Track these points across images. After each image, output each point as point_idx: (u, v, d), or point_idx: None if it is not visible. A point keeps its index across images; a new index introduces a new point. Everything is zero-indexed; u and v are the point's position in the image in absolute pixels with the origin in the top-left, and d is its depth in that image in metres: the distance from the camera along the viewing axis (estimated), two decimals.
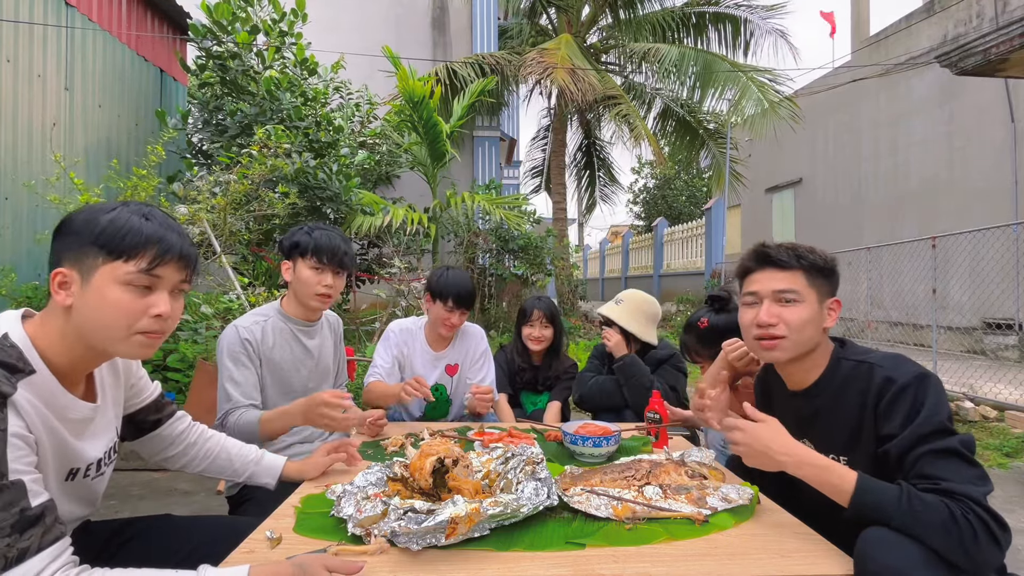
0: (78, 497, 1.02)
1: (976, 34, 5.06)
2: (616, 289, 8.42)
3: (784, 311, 1.18)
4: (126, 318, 0.91)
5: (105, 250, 0.89)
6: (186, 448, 1.29)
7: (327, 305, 1.78)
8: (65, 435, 0.93)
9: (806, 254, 1.21)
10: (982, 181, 7.98)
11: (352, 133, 6.46)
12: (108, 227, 0.90)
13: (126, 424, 1.19)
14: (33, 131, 4.08)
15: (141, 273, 0.90)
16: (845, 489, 1.01)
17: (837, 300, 1.23)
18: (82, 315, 0.90)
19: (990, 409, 4.54)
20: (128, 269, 0.90)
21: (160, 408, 1.25)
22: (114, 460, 1.10)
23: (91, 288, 0.89)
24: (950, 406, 1.08)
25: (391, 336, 2.23)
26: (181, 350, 3.43)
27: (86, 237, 0.89)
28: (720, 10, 10.08)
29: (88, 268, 0.89)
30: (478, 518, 1.00)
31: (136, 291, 0.91)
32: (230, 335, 1.68)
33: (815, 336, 1.21)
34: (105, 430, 1.05)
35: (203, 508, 2.65)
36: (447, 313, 2.10)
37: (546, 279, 7.99)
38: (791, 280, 1.19)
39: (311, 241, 1.71)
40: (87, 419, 0.99)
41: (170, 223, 0.96)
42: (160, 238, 0.92)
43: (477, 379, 2.27)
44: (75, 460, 0.97)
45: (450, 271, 2.15)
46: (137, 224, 0.91)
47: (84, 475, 1.00)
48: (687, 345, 2.01)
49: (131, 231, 0.90)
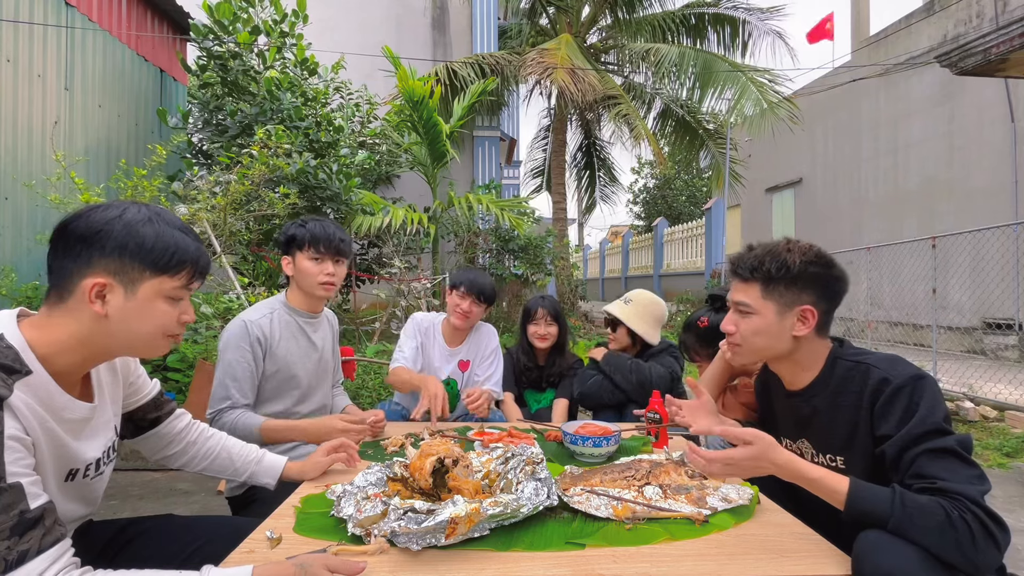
0: (79, 497, 1.02)
1: (976, 34, 5.06)
2: (616, 289, 8.43)
3: (740, 321, 1.26)
4: (164, 327, 0.97)
5: (154, 266, 0.93)
6: (186, 446, 1.29)
7: (332, 293, 1.80)
8: (63, 436, 0.93)
9: (765, 264, 1.20)
10: (982, 181, 7.98)
11: (352, 133, 6.47)
12: (157, 244, 0.93)
13: (125, 422, 1.19)
14: (33, 131, 4.08)
15: (182, 288, 0.97)
16: (838, 499, 1.01)
17: (810, 309, 1.19)
18: (120, 324, 0.93)
19: (990, 409, 4.54)
20: (174, 284, 0.96)
21: (159, 406, 1.25)
22: (113, 459, 1.10)
23: (136, 300, 0.93)
24: (947, 407, 1.08)
25: (416, 324, 2.33)
26: (181, 350, 3.43)
27: (131, 250, 0.91)
28: (719, 11, 10.08)
29: (132, 280, 0.92)
30: (478, 518, 1.00)
31: (173, 302, 0.97)
32: (238, 329, 1.67)
33: (776, 344, 1.23)
34: (103, 429, 1.05)
35: (203, 508, 2.65)
36: (459, 300, 2.22)
37: (546, 279, 8.00)
38: (746, 292, 1.25)
39: (307, 233, 1.73)
40: (85, 419, 0.98)
41: (196, 236, 1.01)
42: (198, 256, 0.99)
43: (485, 376, 2.33)
44: (74, 461, 0.97)
45: (471, 269, 2.28)
46: (182, 242, 0.96)
47: (84, 475, 1.00)
48: (687, 344, 2.02)
49: (178, 249, 0.95)
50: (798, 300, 1.20)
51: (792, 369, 1.27)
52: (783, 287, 1.20)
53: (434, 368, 2.31)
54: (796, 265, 1.19)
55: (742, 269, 1.25)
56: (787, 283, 1.20)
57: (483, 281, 2.22)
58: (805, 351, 1.24)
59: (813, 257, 1.20)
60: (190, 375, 3.41)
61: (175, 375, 3.45)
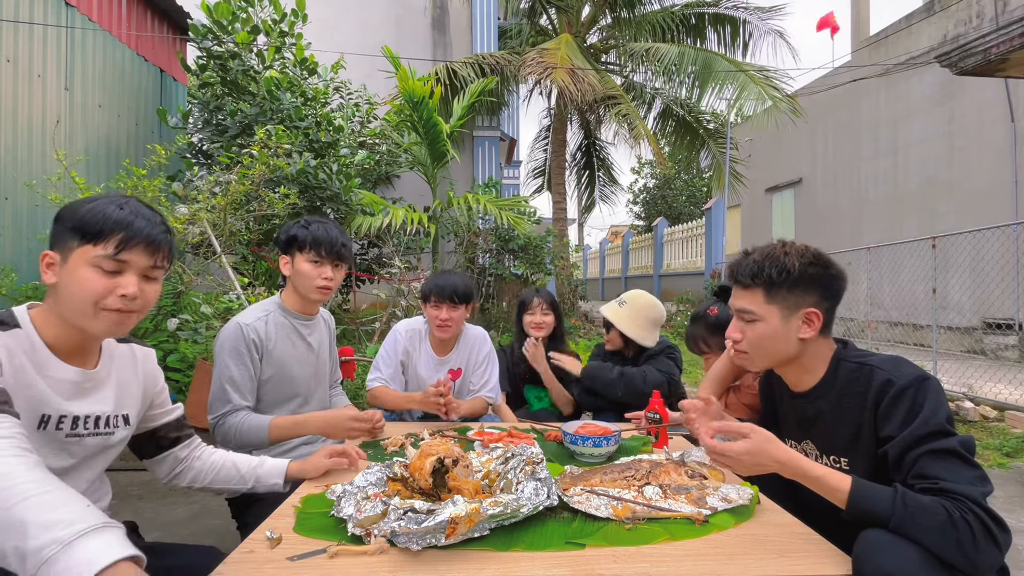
0: (53, 451, 1.04)
1: (976, 34, 5.06)
2: (616, 289, 8.43)
3: (746, 328, 1.25)
4: (93, 296, 0.99)
5: (79, 234, 0.99)
6: (192, 462, 1.33)
7: (327, 297, 1.77)
8: (39, 384, 1.00)
9: (765, 269, 1.20)
10: (982, 181, 7.98)
11: (352, 133, 6.46)
12: (85, 214, 0.99)
13: (148, 440, 1.27)
14: (33, 131, 4.07)
15: (107, 257, 0.99)
16: (840, 498, 1.01)
17: (815, 311, 1.19)
18: (60, 292, 1.00)
19: (990, 409, 4.54)
20: (97, 252, 0.99)
21: (181, 427, 1.32)
22: (105, 437, 1.12)
23: (67, 268, 0.99)
24: (950, 408, 1.08)
25: (397, 338, 2.22)
26: (181, 350, 3.43)
27: (67, 223, 1.00)
28: (719, 11, 10.08)
29: (66, 251, 1.00)
30: (478, 518, 1.00)
31: (104, 273, 0.99)
32: (233, 332, 1.65)
33: (784, 349, 1.22)
34: (97, 401, 1.10)
35: (203, 508, 2.65)
36: (434, 311, 2.11)
37: (546, 279, 7.99)
38: (749, 299, 1.24)
39: (308, 235, 1.70)
40: (72, 382, 1.05)
41: (141, 211, 1.04)
42: (127, 224, 1.01)
43: (480, 383, 2.26)
44: (44, 406, 1.01)
45: (439, 273, 2.16)
46: (109, 212, 1.00)
47: (57, 427, 1.03)
48: (695, 336, 1.99)
49: (102, 218, 0.99)
50: (802, 303, 1.20)
51: (797, 371, 1.27)
52: (785, 291, 1.20)
53: (421, 379, 2.20)
54: (796, 268, 1.19)
55: (742, 276, 1.25)
56: (789, 287, 1.19)
57: (454, 282, 2.10)
58: (810, 353, 1.24)
59: (811, 258, 1.20)
60: (190, 375, 3.41)
61: (175, 375, 3.45)
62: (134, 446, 1.27)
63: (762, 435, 1.09)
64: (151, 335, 3.68)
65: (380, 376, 2.16)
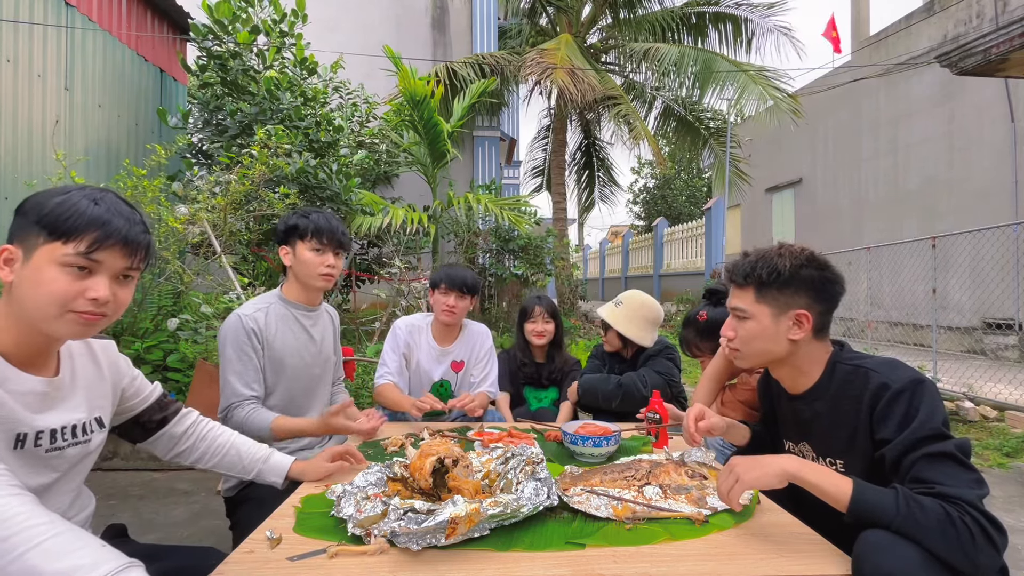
0: (33, 468, 0.98)
1: (976, 34, 5.06)
2: (616, 289, 8.43)
3: (739, 326, 1.28)
4: (59, 298, 0.89)
5: (47, 231, 0.89)
6: (196, 442, 1.30)
7: (330, 285, 1.78)
8: (9, 402, 0.91)
9: (757, 269, 1.22)
10: (982, 181, 7.99)
11: (351, 133, 6.46)
12: (55, 208, 0.89)
13: (133, 426, 1.22)
14: (33, 131, 4.07)
15: (79, 256, 0.89)
16: (841, 499, 1.01)
17: (804, 313, 1.19)
18: (19, 292, 0.91)
19: (990, 409, 4.54)
20: (66, 251, 0.89)
21: (164, 407, 1.27)
22: (84, 444, 1.06)
23: (29, 267, 0.89)
24: (946, 411, 1.08)
25: (398, 333, 2.27)
26: (181, 350, 3.43)
27: (32, 217, 0.90)
28: (720, 10, 10.07)
29: (30, 247, 0.90)
30: (478, 518, 1.00)
31: (73, 273, 0.90)
32: (233, 324, 1.66)
33: (774, 348, 1.23)
34: (69, 409, 1.03)
35: (203, 508, 2.65)
36: (443, 297, 2.18)
37: (546, 279, 8.00)
38: (741, 297, 1.27)
39: (310, 223, 1.71)
40: (39, 392, 0.97)
41: (120, 208, 0.95)
42: (104, 222, 0.91)
43: (481, 377, 2.30)
44: (19, 424, 0.93)
45: (449, 265, 2.21)
46: (83, 207, 0.91)
47: (36, 444, 0.96)
48: (687, 340, 2.02)
49: (74, 214, 0.90)
50: (792, 304, 1.20)
51: (792, 373, 1.28)
52: (775, 291, 1.21)
53: (424, 370, 2.25)
54: (787, 269, 1.20)
55: (737, 275, 1.28)
56: (779, 287, 1.21)
57: (463, 274, 2.20)
58: (803, 355, 1.24)
59: (805, 260, 1.21)
60: (190, 375, 3.41)
61: (175, 375, 3.45)
62: (122, 433, 1.23)
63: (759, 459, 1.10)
64: (151, 335, 3.69)
65: (388, 371, 2.20)
